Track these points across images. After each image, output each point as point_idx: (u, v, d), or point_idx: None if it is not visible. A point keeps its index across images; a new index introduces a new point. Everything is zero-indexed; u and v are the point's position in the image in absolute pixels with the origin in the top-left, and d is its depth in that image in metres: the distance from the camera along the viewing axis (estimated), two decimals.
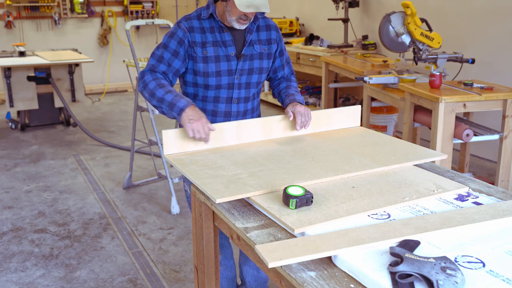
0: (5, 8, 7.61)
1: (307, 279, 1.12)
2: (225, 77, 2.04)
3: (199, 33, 2.01)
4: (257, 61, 2.09)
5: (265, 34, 2.12)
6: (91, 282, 2.76)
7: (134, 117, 4.07)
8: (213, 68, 2.02)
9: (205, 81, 2.04)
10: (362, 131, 2.18)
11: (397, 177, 1.65)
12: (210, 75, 2.02)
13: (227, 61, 2.03)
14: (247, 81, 2.09)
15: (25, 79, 5.62)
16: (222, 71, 2.03)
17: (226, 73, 2.04)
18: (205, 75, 2.03)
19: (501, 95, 3.11)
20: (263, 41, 2.11)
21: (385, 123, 4.54)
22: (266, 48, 2.12)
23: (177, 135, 1.88)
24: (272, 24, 2.16)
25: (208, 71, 2.02)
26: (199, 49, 2.00)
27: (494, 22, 4.41)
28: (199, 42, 2.00)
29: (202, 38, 2.01)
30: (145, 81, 2.01)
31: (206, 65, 2.01)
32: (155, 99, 1.96)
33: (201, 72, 2.02)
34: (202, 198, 1.63)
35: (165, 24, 3.98)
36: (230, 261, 2.32)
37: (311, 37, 6.23)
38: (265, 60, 2.12)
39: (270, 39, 2.13)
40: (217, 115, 2.09)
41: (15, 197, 3.96)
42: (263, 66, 2.12)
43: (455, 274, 1.04)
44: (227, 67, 2.03)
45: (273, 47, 2.15)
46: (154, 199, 3.88)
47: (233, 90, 2.08)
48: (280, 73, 2.23)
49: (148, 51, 8.51)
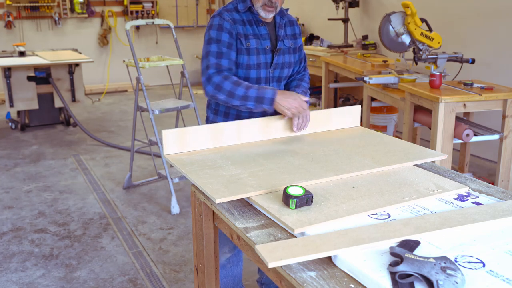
0: (5, 8, 7.61)
1: (307, 279, 1.12)
2: (263, 69, 2.07)
3: (241, 25, 2.02)
4: (287, 56, 2.14)
5: (290, 29, 2.17)
6: (91, 282, 2.76)
7: (134, 117, 4.07)
8: (255, 60, 2.04)
9: (246, 74, 2.05)
10: (362, 131, 2.17)
11: (397, 177, 1.65)
12: (252, 67, 2.04)
13: (265, 53, 2.06)
14: (280, 75, 2.14)
15: (25, 79, 5.62)
16: (262, 63, 2.06)
17: (264, 66, 2.07)
18: (247, 67, 2.04)
19: (501, 95, 3.11)
20: (289, 36, 2.16)
21: (385, 123, 4.54)
22: (293, 43, 2.17)
23: (177, 135, 1.88)
24: (293, 20, 2.23)
25: (250, 63, 2.03)
26: (243, 40, 2.01)
27: (494, 22, 4.41)
28: (242, 34, 2.02)
29: (244, 30, 2.02)
30: (216, 82, 1.94)
31: (249, 57, 2.03)
32: (236, 98, 1.93)
33: (244, 64, 2.03)
34: (202, 198, 1.63)
35: (165, 24, 3.98)
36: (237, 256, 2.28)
37: (311, 37, 6.23)
38: (292, 54, 2.17)
39: (295, 34, 2.19)
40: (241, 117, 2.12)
41: (15, 197, 3.96)
42: (292, 60, 2.17)
43: (455, 274, 1.04)
44: (264, 60, 2.07)
45: (299, 41, 2.21)
46: (154, 199, 3.88)
47: (269, 83, 2.11)
48: (296, 68, 2.26)
49: (148, 51, 8.51)
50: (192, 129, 1.90)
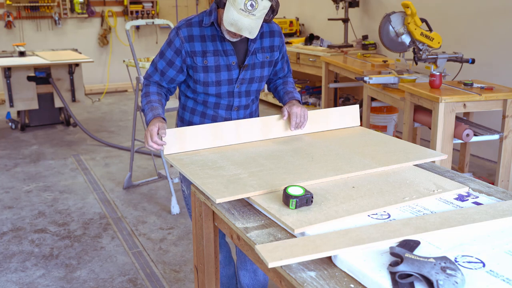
0: (5, 8, 7.61)
1: (307, 279, 1.12)
2: (225, 86, 2.00)
3: (199, 42, 1.95)
4: (258, 70, 2.04)
5: (268, 40, 2.05)
6: (91, 282, 2.76)
7: (134, 117, 4.07)
8: (213, 78, 1.97)
9: (204, 90, 2.01)
10: (362, 131, 2.17)
11: (397, 177, 1.65)
12: (210, 85, 1.99)
13: (228, 70, 1.98)
14: (247, 89, 2.06)
15: (25, 79, 5.62)
16: (222, 80, 1.99)
17: (226, 83, 2.00)
18: (205, 85, 1.99)
19: (501, 95, 3.11)
20: (266, 48, 2.04)
21: (385, 123, 4.54)
22: (269, 55, 2.06)
23: (177, 135, 1.88)
24: (276, 30, 2.07)
25: (208, 80, 1.98)
26: (199, 58, 1.95)
27: (494, 22, 4.41)
28: (199, 51, 1.95)
29: (202, 46, 1.95)
30: (142, 87, 2.08)
31: (207, 75, 1.97)
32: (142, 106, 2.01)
33: (201, 82, 1.99)
34: (202, 198, 1.63)
35: (165, 24, 3.98)
36: (229, 259, 2.32)
37: (311, 37, 6.23)
38: (266, 68, 2.07)
39: (273, 46, 2.07)
40: (217, 120, 2.08)
41: (15, 197, 3.96)
42: (264, 74, 2.08)
43: (455, 274, 1.04)
44: (227, 77, 1.99)
45: (276, 54, 2.09)
46: (154, 199, 3.88)
47: (234, 98, 2.05)
48: (281, 74, 2.22)
49: (148, 51, 8.52)
50: (192, 129, 1.90)
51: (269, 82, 2.26)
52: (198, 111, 2.09)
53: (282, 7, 7.37)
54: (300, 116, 2.02)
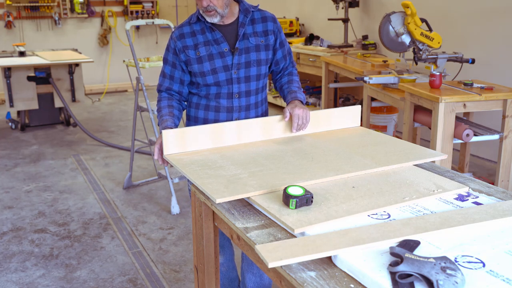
0: (5, 8, 7.61)
1: (307, 279, 1.12)
2: (222, 73, 2.05)
3: (190, 37, 2.07)
4: (253, 54, 2.08)
5: (261, 26, 2.11)
6: (91, 282, 2.76)
7: (134, 117, 4.07)
8: (208, 66, 2.04)
9: (203, 81, 2.07)
10: (362, 131, 2.17)
11: (397, 177, 1.65)
12: (207, 74, 2.05)
13: (221, 57, 2.05)
14: (246, 75, 2.09)
15: (25, 79, 5.62)
16: (218, 68, 2.04)
17: (222, 69, 2.05)
18: (201, 75, 2.06)
19: (501, 95, 3.11)
20: (259, 33, 2.10)
21: (385, 123, 4.54)
22: (263, 39, 2.10)
23: (177, 135, 1.88)
24: (268, 16, 2.14)
25: (204, 70, 2.05)
26: (192, 51, 2.06)
27: (494, 22, 4.41)
28: (191, 45, 2.06)
29: (193, 41, 2.06)
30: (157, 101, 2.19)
31: (201, 65, 2.05)
32: None
33: (198, 73, 2.06)
34: (202, 198, 1.63)
35: (165, 24, 3.98)
36: (231, 262, 2.32)
37: (311, 37, 6.23)
38: (262, 51, 2.10)
39: (267, 31, 2.12)
40: (220, 110, 2.10)
41: (15, 197, 3.96)
42: (261, 58, 2.10)
43: (455, 274, 1.04)
44: (222, 63, 2.05)
45: (270, 38, 2.12)
46: (154, 199, 3.88)
47: (233, 85, 2.08)
48: (282, 64, 2.22)
49: (148, 51, 8.52)
50: (192, 129, 1.90)
51: (275, 80, 2.27)
52: (202, 105, 2.14)
53: (282, 7, 7.38)
54: (302, 118, 2.01)
